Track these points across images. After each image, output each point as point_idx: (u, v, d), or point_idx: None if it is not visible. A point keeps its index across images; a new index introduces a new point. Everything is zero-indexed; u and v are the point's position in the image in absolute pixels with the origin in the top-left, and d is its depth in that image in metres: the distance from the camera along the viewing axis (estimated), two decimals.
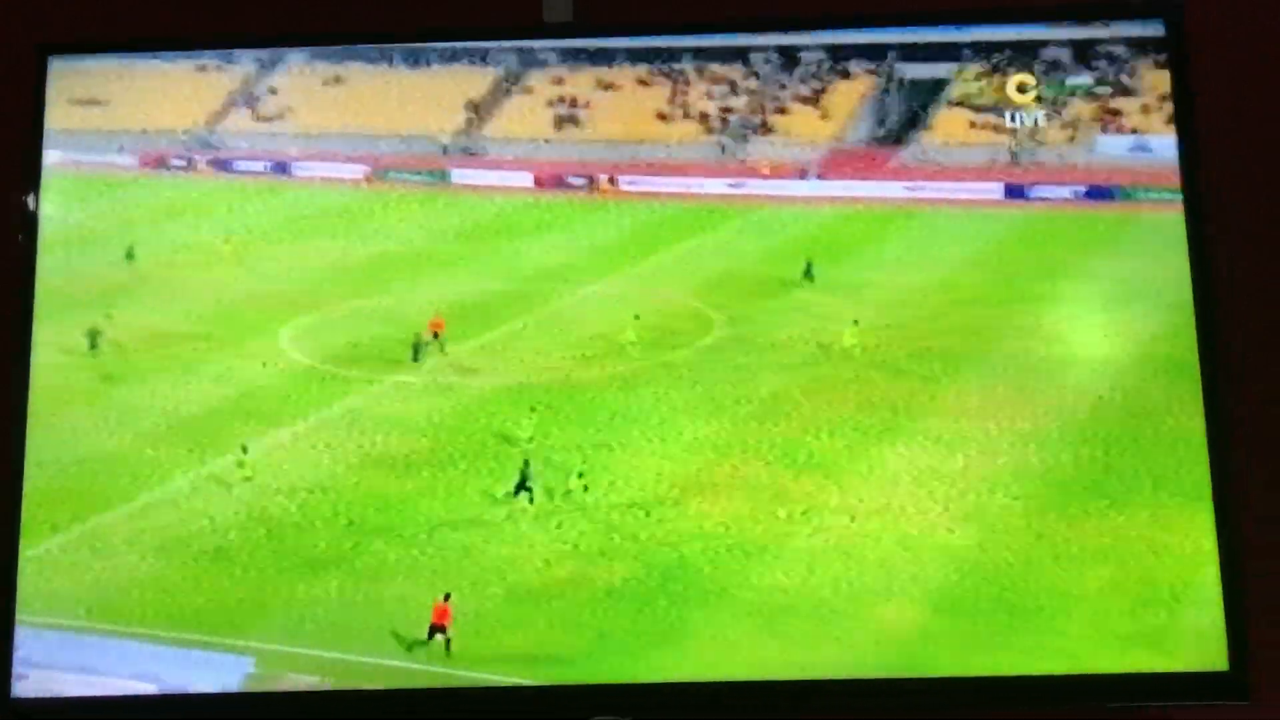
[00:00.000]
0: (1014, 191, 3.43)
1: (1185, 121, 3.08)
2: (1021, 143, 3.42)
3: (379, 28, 3.49)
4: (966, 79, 3.46)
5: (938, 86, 3.50)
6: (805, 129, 3.58)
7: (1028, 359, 3.22)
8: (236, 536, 3.10)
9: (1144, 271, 3.25)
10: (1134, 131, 3.31)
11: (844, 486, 3.13)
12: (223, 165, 3.60)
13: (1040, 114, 3.35)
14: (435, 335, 3.47)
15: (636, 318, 3.39)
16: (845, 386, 3.27)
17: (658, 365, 3.37)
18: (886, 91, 3.54)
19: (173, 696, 2.96)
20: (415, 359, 3.44)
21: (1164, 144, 3.26)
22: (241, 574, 3.08)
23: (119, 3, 3.65)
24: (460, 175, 3.72)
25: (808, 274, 3.46)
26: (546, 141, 3.64)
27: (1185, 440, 3.00)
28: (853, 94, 3.56)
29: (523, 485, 3.17)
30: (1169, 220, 3.26)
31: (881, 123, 3.55)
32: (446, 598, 3.02)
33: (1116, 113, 3.35)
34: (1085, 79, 3.33)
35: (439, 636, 2.98)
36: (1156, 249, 3.25)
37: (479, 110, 3.69)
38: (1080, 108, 3.35)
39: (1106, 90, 3.34)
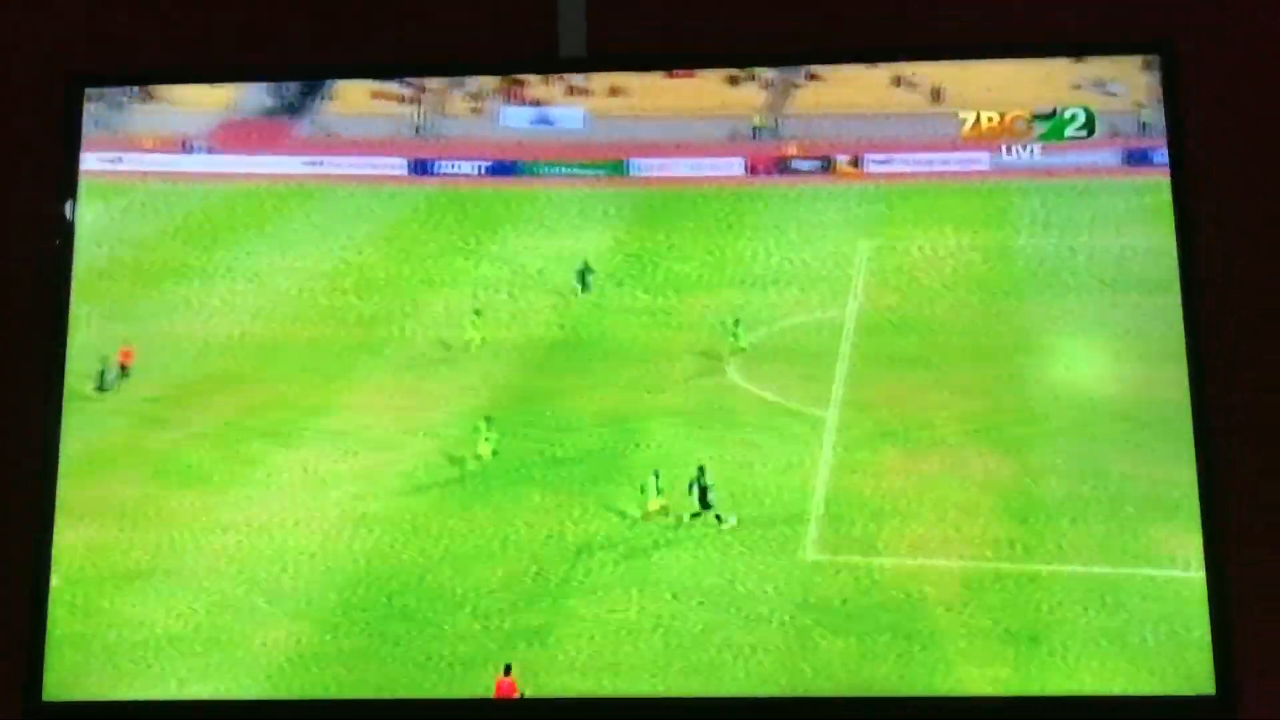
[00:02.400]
0: (419, 167, 3.25)
1: (1179, 156, 2.88)
2: (426, 115, 3.24)
3: (398, 59, 3.27)
4: None
5: None
6: (193, 97, 3.21)
7: (433, 346, 3.07)
8: None
9: (546, 249, 3.19)
10: (536, 103, 3.22)
11: (230, 499, 2.86)
12: None
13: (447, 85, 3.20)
14: (123, 367, 2.97)
15: None
16: (231, 387, 2.98)
17: None
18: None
19: (203, 703, 2.70)
20: (100, 389, 2.93)
21: (565, 115, 3.20)
22: None
23: None
24: None
25: (582, 281, 3.14)
26: None
27: (569, 421, 2.96)
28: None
29: (703, 500, 2.82)
30: (570, 196, 3.21)
31: (279, 91, 3.24)
32: (508, 670, 2.68)
33: (519, 83, 3.24)
34: None
35: None
36: (559, 225, 3.21)
37: None
38: (484, 79, 3.22)
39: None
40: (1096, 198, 2.99)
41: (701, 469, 2.85)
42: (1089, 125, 3.01)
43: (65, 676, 2.70)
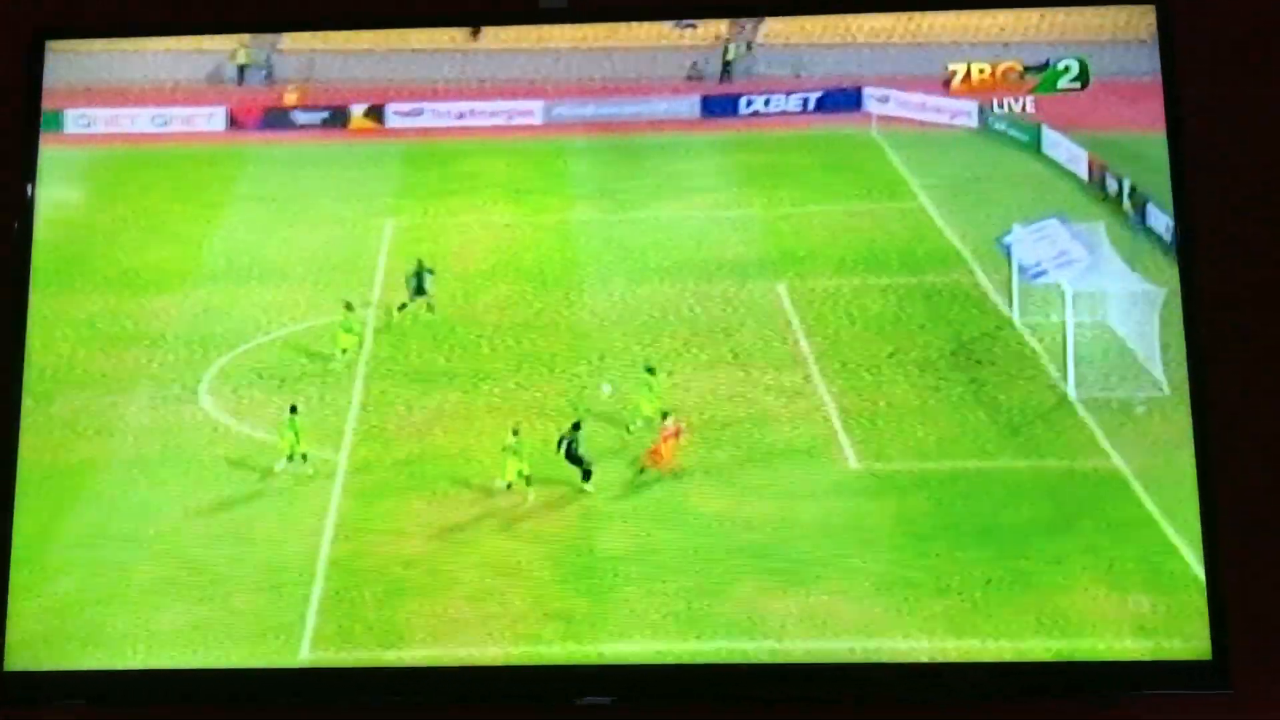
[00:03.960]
0: None
1: (1175, 120, 2.27)
2: None
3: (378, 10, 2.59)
4: None
5: None
6: None
7: None
8: None
9: None
10: None
11: None
12: None
13: None
14: None
15: None
16: None
17: None
18: None
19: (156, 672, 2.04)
20: None
21: None
22: None
23: None
24: None
25: (419, 286, 2.35)
26: None
27: None
28: None
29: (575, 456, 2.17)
30: None
31: None
32: None
33: None
34: None
35: None
36: None
37: None
38: None
39: None
40: (670, 157, 2.39)
41: (577, 425, 2.19)
42: (1083, 77, 2.38)
43: None
